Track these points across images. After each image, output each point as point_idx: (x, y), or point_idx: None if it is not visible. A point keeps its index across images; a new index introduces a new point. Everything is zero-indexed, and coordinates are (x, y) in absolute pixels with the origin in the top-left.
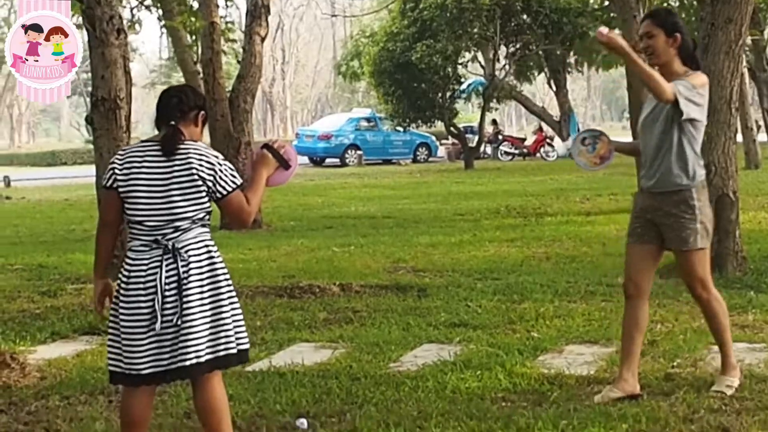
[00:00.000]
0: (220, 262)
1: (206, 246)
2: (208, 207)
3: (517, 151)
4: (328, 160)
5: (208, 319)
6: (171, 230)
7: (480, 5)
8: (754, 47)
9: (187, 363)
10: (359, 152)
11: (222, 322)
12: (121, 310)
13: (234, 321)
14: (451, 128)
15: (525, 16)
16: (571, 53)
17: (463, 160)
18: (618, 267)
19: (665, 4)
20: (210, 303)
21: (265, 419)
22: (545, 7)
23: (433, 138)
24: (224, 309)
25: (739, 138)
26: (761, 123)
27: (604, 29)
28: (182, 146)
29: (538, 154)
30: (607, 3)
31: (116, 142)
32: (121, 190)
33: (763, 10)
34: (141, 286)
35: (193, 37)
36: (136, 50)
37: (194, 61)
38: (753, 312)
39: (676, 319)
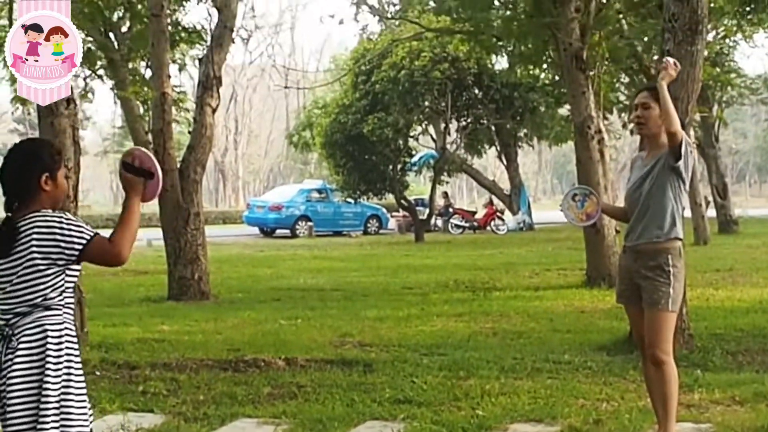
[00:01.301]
0: (58, 351)
1: (44, 331)
2: (52, 287)
3: (467, 224)
4: (278, 231)
5: (31, 413)
6: (11, 316)
7: (432, 79)
8: (703, 124)
9: None
10: (310, 223)
11: (44, 418)
12: None
13: (62, 418)
14: (402, 200)
15: (476, 90)
16: (522, 127)
17: (413, 232)
18: (566, 343)
19: (614, 81)
20: (35, 395)
21: None
22: (496, 82)
23: (384, 210)
24: (49, 401)
25: (688, 213)
26: (710, 199)
27: (671, 59)
28: (21, 227)
29: (488, 228)
30: (557, 79)
31: (63, 211)
32: None
33: (711, 88)
34: None
35: (145, 107)
36: (90, 118)
37: (146, 130)
38: (699, 391)
39: (622, 397)
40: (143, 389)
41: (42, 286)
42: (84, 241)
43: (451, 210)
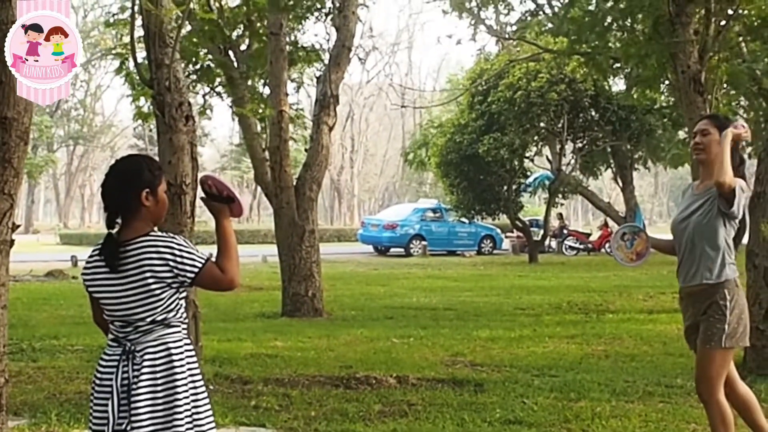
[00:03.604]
0: (182, 366)
1: (167, 349)
2: (169, 307)
3: (581, 246)
4: (392, 250)
5: (159, 428)
6: (131, 330)
7: (548, 100)
8: None
9: None
10: (424, 243)
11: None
12: (91, 401)
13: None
14: (516, 221)
15: (593, 112)
16: (638, 150)
17: (527, 253)
18: (678, 367)
19: (733, 104)
20: (163, 411)
21: None
22: (613, 104)
23: (498, 230)
24: (178, 418)
25: None
26: None
27: (745, 125)
28: (132, 248)
29: (603, 250)
30: (674, 101)
31: (180, 227)
32: (90, 290)
33: None
34: (99, 382)
35: (262, 125)
36: (208, 135)
37: (263, 147)
38: None
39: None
40: (255, 404)
41: (159, 307)
42: (196, 270)
43: (565, 231)
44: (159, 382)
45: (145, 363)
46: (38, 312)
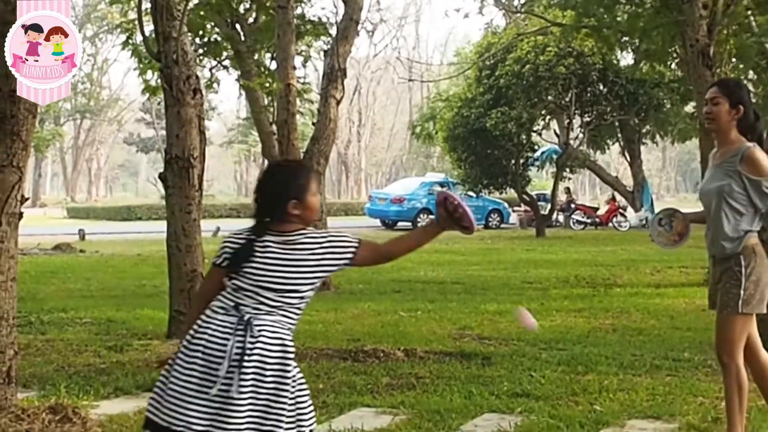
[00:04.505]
0: (293, 351)
1: (281, 336)
2: (299, 302)
3: (589, 221)
4: (400, 224)
5: (260, 405)
6: (255, 304)
7: (556, 74)
8: None
9: None
10: (431, 216)
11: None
12: (179, 362)
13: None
14: (524, 195)
15: (601, 86)
16: (646, 124)
17: (534, 227)
18: (686, 341)
19: (741, 78)
20: (270, 388)
21: None
22: (621, 78)
23: (506, 204)
24: (283, 401)
25: None
26: None
27: None
28: (298, 237)
29: (610, 224)
30: (683, 75)
31: (188, 200)
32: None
33: None
34: (203, 345)
35: (270, 98)
36: (215, 109)
37: (270, 121)
38: None
39: None
40: None
41: (301, 300)
42: (351, 252)
43: (573, 206)
44: (269, 364)
45: (261, 339)
46: (46, 285)
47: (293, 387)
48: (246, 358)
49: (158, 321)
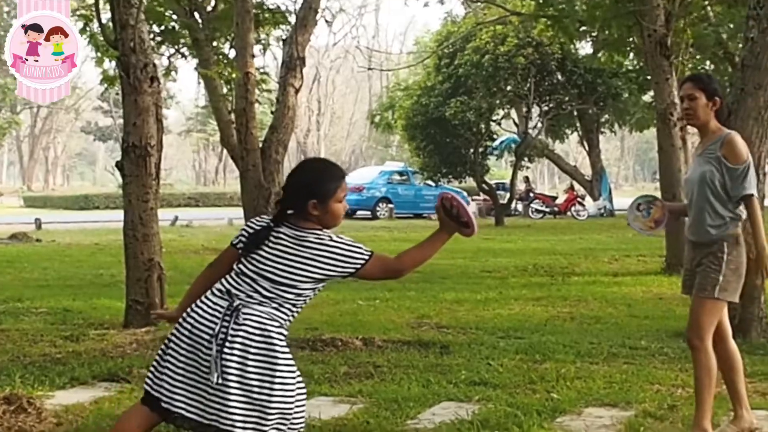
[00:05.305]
0: (282, 346)
1: (266, 329)
2: (305, 297)
3: (548, 210)
4: (359, 213)
5: (250, 394)
6: (249, 290)
7: (515, 64)
8: None
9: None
10: (390, 206)
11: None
12: (172, 338)
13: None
14: (483, 184)
15: (559, 75)
16: (604, 113)
17: (493, 216)
18: (643, 329)
19: (699, 69)
20: (255, 382)
21: None
22: (579, 67)
23: (465, 194)
24: (273, 397)
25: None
26: None
27: None
28: (309, 240)
29: (569, 213)
30: (641, 65)
31: (145, 189)
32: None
33: None
34: (191, 324)
35: (228, 87)
36: (173, 97)
37: (229, 110)
38: None
39: None
40: None
41: (297, 297)
42: (360, 262)
43: (531, 195)
44: (254, 348)
45: (244, 326)
46: (2, 275)
47: (281, 384)
48: (227, 345)
49: (115, 310)
